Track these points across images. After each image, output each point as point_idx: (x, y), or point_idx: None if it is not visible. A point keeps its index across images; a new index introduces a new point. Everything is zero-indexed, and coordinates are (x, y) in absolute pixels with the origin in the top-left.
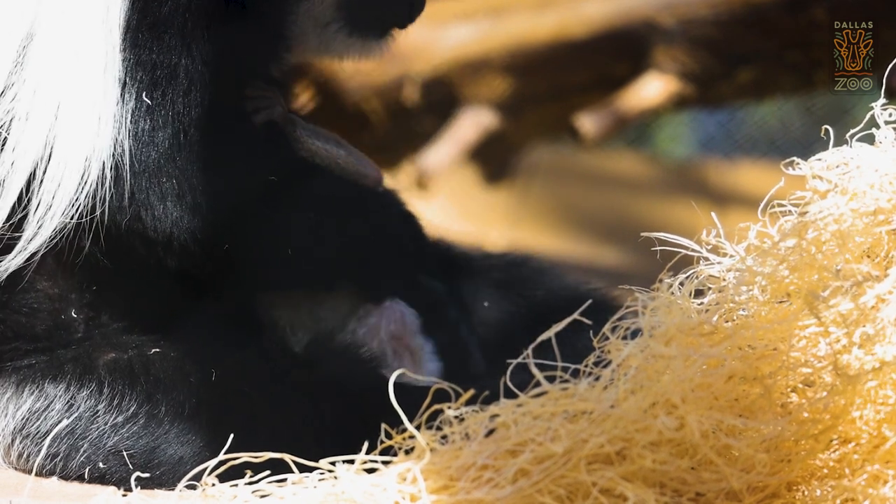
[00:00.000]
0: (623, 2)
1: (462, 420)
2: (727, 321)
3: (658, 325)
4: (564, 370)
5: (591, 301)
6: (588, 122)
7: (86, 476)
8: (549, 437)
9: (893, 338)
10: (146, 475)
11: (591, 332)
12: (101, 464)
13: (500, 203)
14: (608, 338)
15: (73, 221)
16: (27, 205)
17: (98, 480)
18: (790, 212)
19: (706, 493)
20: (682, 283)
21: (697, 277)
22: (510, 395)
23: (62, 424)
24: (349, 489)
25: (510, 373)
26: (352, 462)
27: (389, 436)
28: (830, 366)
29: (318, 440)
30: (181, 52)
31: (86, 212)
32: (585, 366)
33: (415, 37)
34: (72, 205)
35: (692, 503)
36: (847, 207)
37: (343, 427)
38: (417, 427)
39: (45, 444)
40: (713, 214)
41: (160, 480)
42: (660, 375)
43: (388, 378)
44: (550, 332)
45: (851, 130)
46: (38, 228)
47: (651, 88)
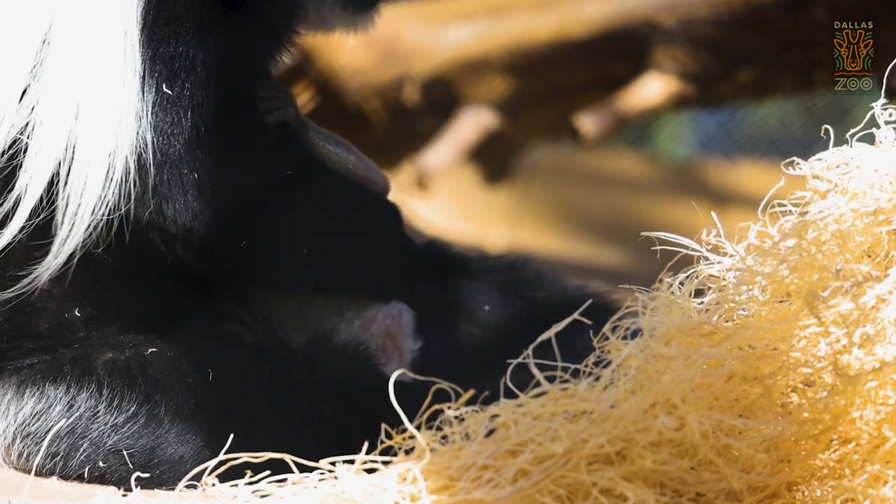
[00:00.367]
0: (623, 2)
1: (462, 420)
2: (727, 321)
3: (658, 326)
4: (564, 370)
5: (591, 301)
6: (588, 122)
7: (86, 476)
8: (550, 438)
9: (893, 338)
10: (146, 475)
11: (591, 333)
12: (101, 463)
13: (500, 203)
14: (608, 338)
15: (104, 218)
16: (53, 208)
17: (98, 480)
18: (790, 212)
19: (706, 494)
20: (682, 283)
21: (697, 277)
22: (510, 396)
23: (62, 424)
24: (349, 489)
25: (510, 373)
26: (352, 462)
27: (389, 436)
28: (830, 366)
29: (318, 440)
30: (198, 45)
31: (114, 208)
32: (585, 366)
33: (415, 37)
34: (100, 201)
35: (692, 503)
36: (847, 207)
37: (343, 427)
38: (417, 427)
39: (45, 444)
40: (713, 214)
41: (160, 480)
42: (660, 375)
43: (388, 378)
44: (550, 333)
45: (851, 130)
46: (71, 229)
47: (651, 88)
